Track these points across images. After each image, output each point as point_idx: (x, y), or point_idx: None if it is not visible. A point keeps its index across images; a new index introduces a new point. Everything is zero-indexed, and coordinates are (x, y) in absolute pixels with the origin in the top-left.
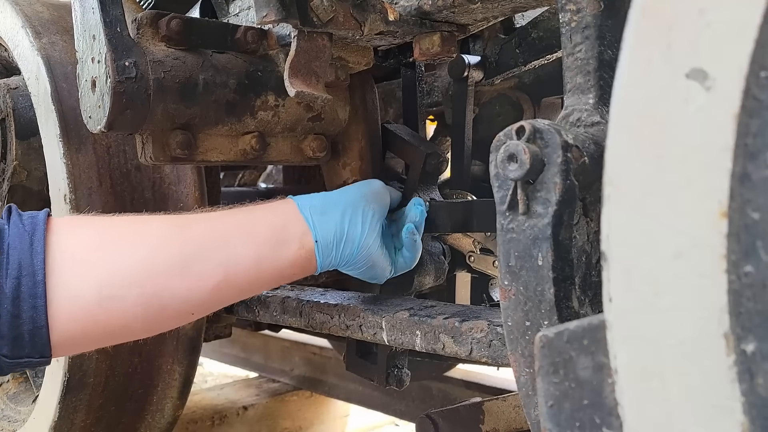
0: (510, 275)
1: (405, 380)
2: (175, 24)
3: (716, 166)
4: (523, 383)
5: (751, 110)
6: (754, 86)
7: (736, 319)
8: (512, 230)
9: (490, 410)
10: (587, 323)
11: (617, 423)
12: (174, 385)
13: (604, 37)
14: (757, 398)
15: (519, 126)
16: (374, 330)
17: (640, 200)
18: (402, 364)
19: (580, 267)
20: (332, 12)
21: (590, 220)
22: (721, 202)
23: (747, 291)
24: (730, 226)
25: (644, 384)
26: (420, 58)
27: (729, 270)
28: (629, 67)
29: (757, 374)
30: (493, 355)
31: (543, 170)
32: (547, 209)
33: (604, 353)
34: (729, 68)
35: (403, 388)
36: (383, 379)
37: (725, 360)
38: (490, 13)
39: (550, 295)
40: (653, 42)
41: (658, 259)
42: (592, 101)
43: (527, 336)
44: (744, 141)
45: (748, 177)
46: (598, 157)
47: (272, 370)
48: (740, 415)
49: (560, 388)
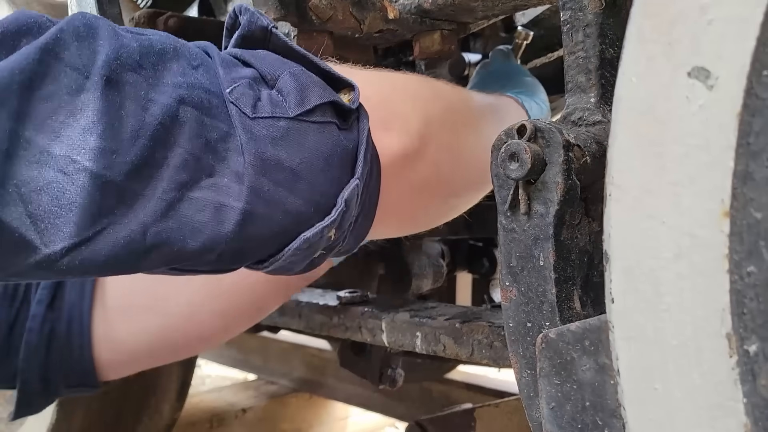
0: (511, 276)
1: (398, 380)
2: (172, 22)
3: (718, 165)
4: (525, 385)
5: (754, 109)
6: (756, 85)
7: (739, 320)
8: (513, 230)
9: (482, 417)
10: (589, 324)
11: (619, 424)
12: (172, 388)
13: (605, 36)
14: (760, 399)
15: (520, 125)
16: (374, 331)
17: (641, 199)
18: (396, 365)
19: (581, 267)
20: (331, 10)
21: (592, 219)
22: (723, 201)
23: (750, 291)
24: (733, 226)
25: (646, 385)
26: (420, 57)
27: (731, 270)
28: (631, 65)
29: (759, 375)
30: (495, 356)
31: (544, 170)
32: (548, 209)
33: (606, 354)
34: (731, 66)
35: (396, 387)
36: (376, 378)
37: (728, 361)
38: (490, 12)
39: (552, 296)
40: (655, 40)
41: (659, 259)
42: (593, 100)
43: (528, 337)
44: (746, 140)
45: (751, 176)
46: (599, 157)
47: (271, 372)
48: (743, 417)
49: (562, 390)
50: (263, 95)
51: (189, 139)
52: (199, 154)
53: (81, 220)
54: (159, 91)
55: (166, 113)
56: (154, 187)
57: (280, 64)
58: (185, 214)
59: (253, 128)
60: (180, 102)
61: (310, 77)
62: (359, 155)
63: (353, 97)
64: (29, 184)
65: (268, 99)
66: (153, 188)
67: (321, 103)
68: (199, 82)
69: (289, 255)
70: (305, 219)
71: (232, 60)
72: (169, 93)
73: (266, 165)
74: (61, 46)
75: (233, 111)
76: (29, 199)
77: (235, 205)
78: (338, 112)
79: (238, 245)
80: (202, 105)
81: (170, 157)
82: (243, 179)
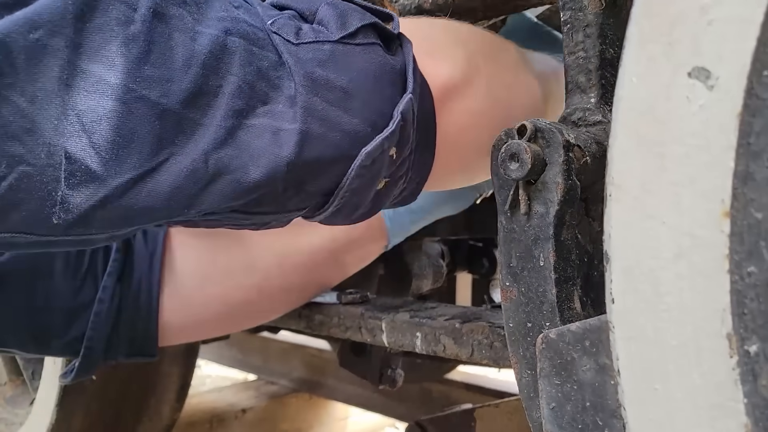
0: (511, 276)
1: (398, 381)
2: None
3: (719, 165)
4: (525, 385)
5: (754, 109)
6: (756, 85)
7: (739, 320)
8: (513, 230)
9: (482, 417)
10: (589, 324)
11: (619, 425)
12: (171, 388)
13: (605, 36)
14: (761, 399)
15: (520, 125)
16: (374, 332)
17: (641, 200)
18: (396, 365)
19: (582, 268)
20: None
21: (592, 220)
22: (723, 201)
23: (750, 291)
24: (733, 226)
25: (646, 385)
26: None
27: (732, 270)
28: (631, 65)
29: (760, 375)
30: (495, 356)
31: (545, 170)
32: (548, 209)
33: (606, 355)
34: (731, 67)
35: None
36: (376, 378)
37: (728, 361)
38: (490, 12)
39: (552, 297)
40: (655, 40)
41: (659, 259)
42: (593, 100)
43: (529, 338)
44: (747, 140)
45: (752, 176)
46: (600, 157)
47: (271, 372)
48: (743, 417)
49: (562, 390)
50: (304, 26)
51: (241, 67)
52: (253, 82)
53: (144, 150)
54: (205, 24)
55: (215, 43)
56: (212, 116)
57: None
58: (244, 140)
59: (298, 53)
60: (227, 33)
61: (347, 4)
62: (408, 73)
63: (394, 25)
64: (89, 113)
65: (309, 28)
66: (211, 116)
67: (363, 24)
68: (242, 17)
69: (353, 178)
70: (363, 138)
71: (268, 5)
72: (215, 25)
73: (317, 85)
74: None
75: (277, 40)
76: (92, 129)
77: (291, 127)
78: (381, 35)
79: (299, 173)
80: (248, 36)
81: (224, 85)
82: (296, 101)
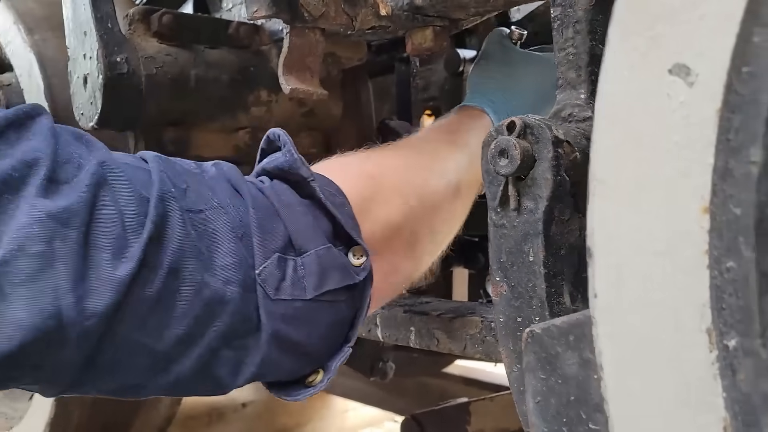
0: (501, 271)
1: (389, 373)
2: (166, 19)
3: (699, 161)
4: (515, 379)
5: (734, 105)
6: (736, 81)
7: (719, 315)
8: (503, 226)
9: (477, 411)
10: (574, 319)
11: (603, 419)
12: None
13: (595, 32)
14: (739, 394)
15: (510, 121)
16: (368, 326)
17: (623, 195)
18: (387, 358)
19: (571, 263)
20: (323, 7)
21: (582, 215)
22: (703, 197)
23: (729, 287)
24: (712, 222)
25: (628, 380)
26: (412, 53)
27: (711, 266)
28: (614, 62)
29: (739, 370)
30: (487, 351)
31: (534, 166)
32: (537, 205)
33: (590, 349)
34: (711, 63)
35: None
36: (368, 370)
37: (708, 356)
38: (483, 8)
39: (541, 291)
40: (637, 36)
41: (641, 255)
42: (583, 96)
43: (518, 332)
44: (726, 136)
45: (731, 172)
46: (589, 153)
47: None
48: (722, 411)
49: (547, 384)
50: (288, 273)
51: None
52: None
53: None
54: (211, 274)
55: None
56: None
57: (312, 234)
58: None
59: (273, 308)
60: (227, 283)
61: (333, 259)
62: (356, 322)
63: (364, 264)
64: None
65: (291, 278)
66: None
67: (337, 288)
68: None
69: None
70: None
71: (270, 215)
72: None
73: (278, 339)
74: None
75: (260, 292)
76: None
77: (251, 369)
78: (348, 288)
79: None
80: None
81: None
82: (259, 349)
